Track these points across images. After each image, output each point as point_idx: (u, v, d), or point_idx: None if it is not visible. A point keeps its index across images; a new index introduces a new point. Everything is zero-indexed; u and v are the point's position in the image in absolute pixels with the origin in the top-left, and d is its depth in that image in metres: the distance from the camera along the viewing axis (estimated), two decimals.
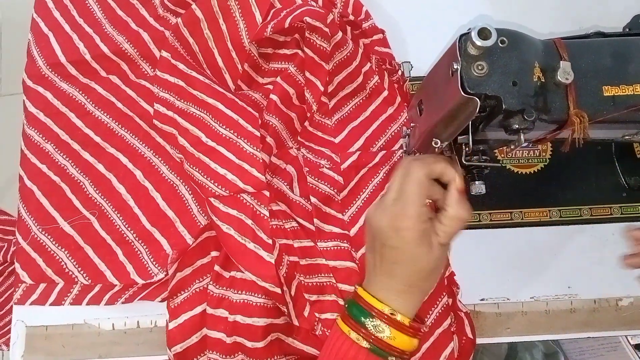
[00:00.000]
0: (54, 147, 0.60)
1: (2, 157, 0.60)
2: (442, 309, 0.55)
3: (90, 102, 0.61)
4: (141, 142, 0.60)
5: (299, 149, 0.59)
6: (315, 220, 0.56)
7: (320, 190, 0.57)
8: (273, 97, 0.59)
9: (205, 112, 0.57)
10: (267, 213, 0.54)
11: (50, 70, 0.62)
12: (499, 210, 0.61)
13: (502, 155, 0.63)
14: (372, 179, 0.59)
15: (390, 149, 0.61)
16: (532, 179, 0.62)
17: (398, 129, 0.61)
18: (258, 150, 0.56)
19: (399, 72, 0.62)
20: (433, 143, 0.47)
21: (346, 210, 0.58)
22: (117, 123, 0.61)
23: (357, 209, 0.58)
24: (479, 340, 0.57)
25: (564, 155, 0.62)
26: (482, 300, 0.58)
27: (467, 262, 0.59)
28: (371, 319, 0.44)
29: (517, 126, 0.40)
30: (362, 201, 0.59)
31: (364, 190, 0.59)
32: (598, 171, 0.63)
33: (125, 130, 0.61)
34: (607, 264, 0.60)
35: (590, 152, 0.63)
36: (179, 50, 0.59)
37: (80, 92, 0.62)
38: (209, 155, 0.56)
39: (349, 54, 0.60)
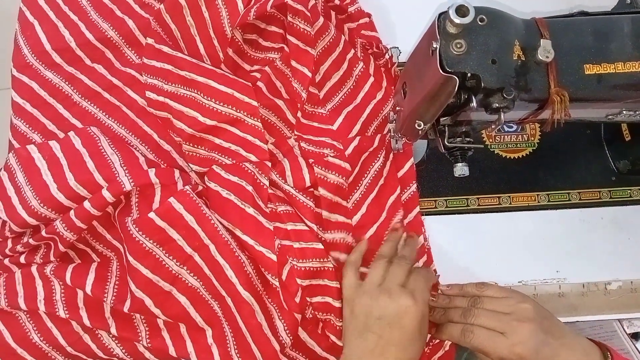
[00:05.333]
0: (41, 137, 0.60)
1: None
2: None
3: (77, 93, 0.61)
4: (128, 131, 0.60)
5: (297, 141, 0.59)
6: (324, 212, 0.56)
7: (329, 180, 0.56)
8: (260, 84, 0.59)
9: (196, 91, 0.57)
10: (267, 182, 0.55)
11: (35, 58, 0.62)
12: (487, 195, 0.61)
13: (490, 140, 0.63)
14: (373, 164, 0.59)
15: (382, 132, 0.61)
16: (520, 164, 0.62)
17: (389, 111, 0.61)
18: (258, 120, 0.57)
19: (387, 56, 0.62)
20: (416, 125, 0.47)
21: (350, 197, 0.58)
22: (104, 113, 0.61)
23: (360, 195, 0.58)
24: None
25: (552, 140, 0.62)
26: None
27: (456, 246, 0.59)
28: None
29: (496, 105, 0.39)
30: (365, 187, 0.58)
31: (365, 175, 0.58)
32: (587, 155, 0.63)
33: (112, 120, 0.61)
34: (595, 248, 0.60)
35: (579, 136, 0.63)
36: (161, 35, 0.59)
37: (67, 83, 0.61)
38: (211, 133, 0.57)
39: (331, 40, 0.60)
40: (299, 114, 0.60)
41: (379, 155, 0.59)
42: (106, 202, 0.52)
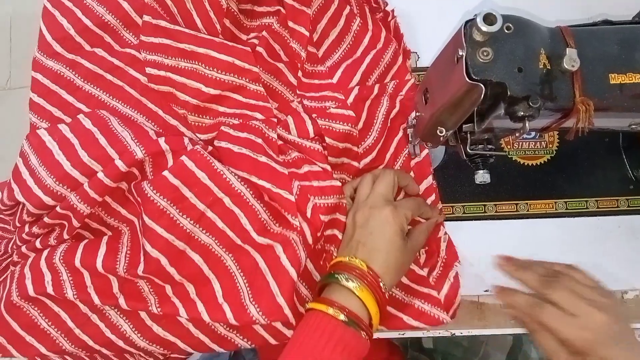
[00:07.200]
0: (49, 125, 0.61)
1: (14, 149, 0.61)
2: None
3: (79, 77, 0.62)
4: (133, 110, 0.61)
5: (300, 102, 0.60)
6: (330, 158, 0.57)
7: (334, 129, 0.57)
8: (259, 49, 0.60)
9: (197, 62, 0.57)
10: (275, 136, 0.56)
11: (38, 51, 0.63)
12: (505, 202, 0.61)
13: (509, 147, 0.63)
14: (379, 109, 0.60)
15: (383, 82, 0.61)
16: (538, 171, 0.62)
17: (389, 60, 0.62)
18: (260, 85, 0.58)
19: (383, 9, 0.63)
20: (438, 131, 0.47)
21: (362, 144, 0.58)
22: (107, 94, 0.61)
23: (373, 140, 0.59)
24: (483, 332, 0.57)
25: (570, 147, 0.62)
26: (486, 291, 0.58)
27: (472, 253, 0.59)
28: (343, 275, 0.48)
29: (522, 113, 0.39)
30: (377, 132, 0.59)
31: (375, 121, 0.59)
32: (605, 163, 0.62)
33: (117, 101, 0.61)
34: (612, 256, 0.59)
35: (597, 143, 0.63)
36: (158, 10, 0.60)
37: (68, 68, 0.62)
38: (215, 102, 0.58)
39: None
40: (300, 74, 0.61)
41: (382, 101, 0.60)
42: (120, 172, 0.53)
